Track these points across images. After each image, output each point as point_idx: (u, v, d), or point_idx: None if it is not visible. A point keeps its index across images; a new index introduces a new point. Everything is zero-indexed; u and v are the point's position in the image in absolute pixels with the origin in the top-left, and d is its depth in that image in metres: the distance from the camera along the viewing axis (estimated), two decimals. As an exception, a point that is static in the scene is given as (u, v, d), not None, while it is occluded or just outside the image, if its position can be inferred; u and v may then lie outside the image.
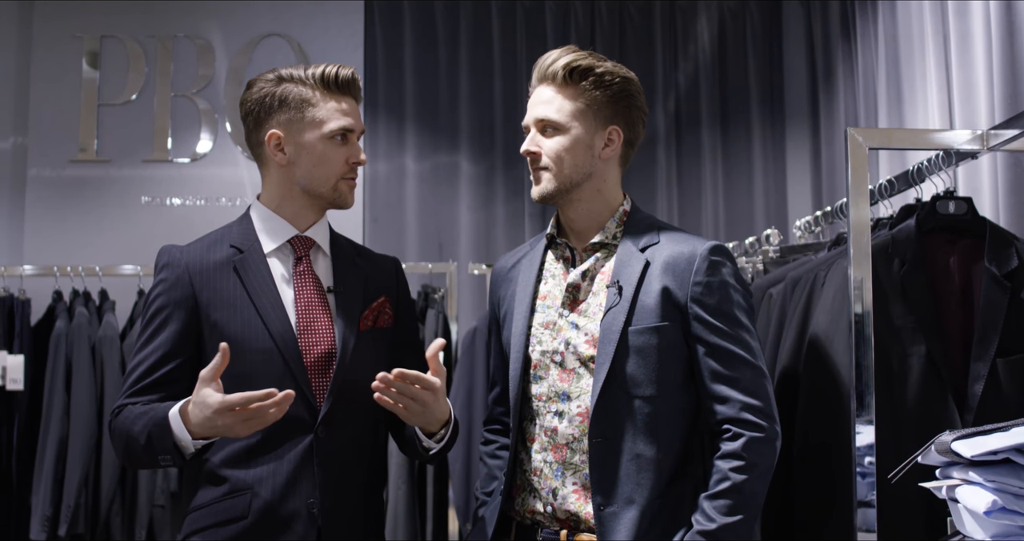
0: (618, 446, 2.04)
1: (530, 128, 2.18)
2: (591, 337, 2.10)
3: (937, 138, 2.36)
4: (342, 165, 2.22)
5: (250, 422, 1.94)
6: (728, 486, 1.98)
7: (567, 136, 2.14)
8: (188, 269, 2.18)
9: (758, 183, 5.62)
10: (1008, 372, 2.24)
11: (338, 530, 2.12)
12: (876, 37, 4.42)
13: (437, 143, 5.63)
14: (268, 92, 2.20)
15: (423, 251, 5.48)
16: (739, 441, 2.00)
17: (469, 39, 5.67)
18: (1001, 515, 1.60)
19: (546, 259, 2.27)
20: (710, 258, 2.08)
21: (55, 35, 5.46)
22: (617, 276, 2.10)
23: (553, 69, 2.14)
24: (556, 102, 2.14)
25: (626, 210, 2.21)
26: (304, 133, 2.20)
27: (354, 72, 2.25)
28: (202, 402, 1.95)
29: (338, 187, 2.24)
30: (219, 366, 1.96)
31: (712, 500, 1.99)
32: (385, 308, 2.29)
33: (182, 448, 2.01)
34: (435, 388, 2.03)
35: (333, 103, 2.21)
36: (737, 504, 1.97)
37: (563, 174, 2.14)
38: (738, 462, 1.99)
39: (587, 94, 2.15)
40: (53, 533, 4.31)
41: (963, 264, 2.36)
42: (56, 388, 4.38)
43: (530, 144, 2.16)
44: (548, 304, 2.20)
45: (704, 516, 1.98)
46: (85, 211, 5.38)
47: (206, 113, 5.49)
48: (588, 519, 2.06)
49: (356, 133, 2.24)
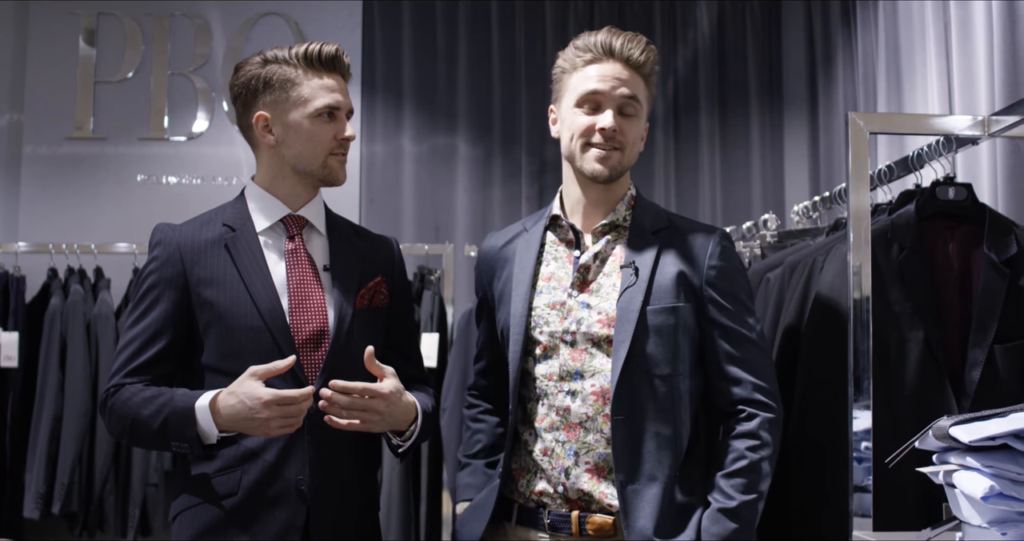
0: (640, 425, 2.05)
1: (605, 102, 2.13)
2: (606, 316, 2.10)
3: (938, 123, 2.36)
4: (330, 142, 2.21)
5: (288, 420, 1.97)
6: (745, 465, 2.02)
7: (641, 120, 2.17)
8: (180, 247, 2.18)
9: (756, 169, 5.61)
10: (1006, 359, 2.24)
11: (328, 508, 2.12)
12: (876, 23, 4.40)
13: (435, 125, 5.61)
14: (254, 74, 2.20)
15: (419, 232, 5.47)
16: (754, 421, 2.04)
17: (468, 20, 5.65)
18: (998, 500, 1.60)
19: (546, 240, 2.26)
20: (722, 244, 2.14)
21: (52, 12, 5.43)
22: (632, 257, 2.12)
23: (644, 58, 2.15)
24: (639, 85, 2.16)
25: (633, 195, 2.23)
26: (290, 113, 2.19)
27: (339, 49, 2.23)
28: (250, 393, 1.97)
29: (328, 164, 2.22)
30: (278, 369, 2.00)
31: (729, 479, 2.02)
32: (381, 288, 2.28)
33: (204, 438, 2.03)
34: (384, 395, 2.03)
35: (317, 80, 2.19)
36: (753, 482, 2.02)
37: (631, 156, 2.17)
38: (754, 442, 2.03)
39: (652, 89, 2.21)
40: (47, 510, 4.31)
41: (962, 250, 2.36)
42: (50, 366, 4.38)
43: (613, 121, 2.11)
44: (553, 285, 2.19)
45: (722, 494, 2.02)
46: (81, 189, 5.36)
47: (203, 92, 5.47)
48: (602, 499, 2.06)
49: (343, 110, 2.22)
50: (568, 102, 2.16)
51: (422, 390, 2.30)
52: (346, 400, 1.99)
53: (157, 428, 2.06)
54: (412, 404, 2.14)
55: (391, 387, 2.05)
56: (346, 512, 2.17)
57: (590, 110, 2.13)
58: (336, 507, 2.14)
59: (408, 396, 2.13)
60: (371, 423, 2.04)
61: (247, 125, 2.24)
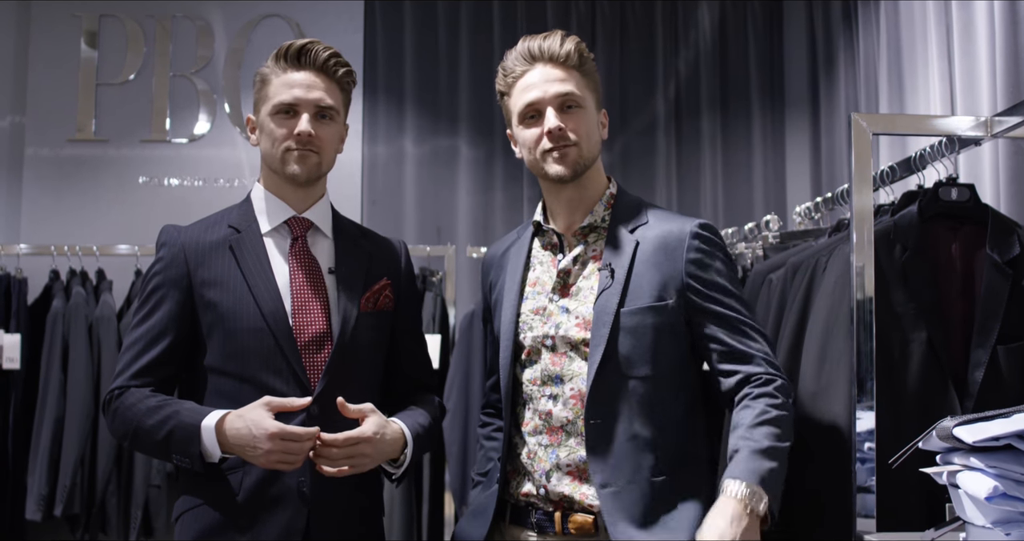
0: (614, 427, 2.04)
1: (544, 107, 2.12)
2: (582, 320, 2.09)
3: (941, 124, 2.36)
4: (285, 138, 2.16)
5: (288, 457, 1.97)
6: (773, 416, 1.94)
7: (587, 113, 2.14)
8: (184, 248, 2.18)
9: (758, 170, 5.60)
10: (1009, 359, 2.24)
11: (330, 509, 2.12)
12: (878, 24, 4.41)
13: (436, 126, 5.60)
14: (254, 79, 2.24)
15: (421, 234, 5.46)
16: (772, 385, 1.99)
17: (469, 21, 5.64)
18: (1002, 501, 1.60)
19: (533, 247, 2.26)
20: (700, 234, 2.09)
21: (54, 14, 5.43)
22: (608, 259, 2.10)
23: (565, 50, 2.13)
24: (573, 80, 2.13)
25: (612, 193, 2.21)
26: (260, 112, 2.20)
27: (308, 44, 2.19)
28: (258, 423, 1.97)
29: (284, 158, 2.18)
30: (293, 407, 2.01)
31: (757, 428, 1.93)
32: (386, 291, 2.27)
33: (206, 456, 2.04)
34: (367, 439, 2.03)
35: (284, 77, 2.17)
36: (783, 432, 1.94)
37: (589, 150, 2.14)
38: (775, 400, 1.97)
39: (590, 77, 2.17)
40: (49, 512, 4.32)
41: (965, 251, 2.36)
42: (52, 368, 4.38)
43: (556, 120, 2.10)
44: (538, 290, 2.19)
45: (751, 440, 1.91)
46: (82, 191, 5.36)
47: (204, 94, 5.47)
48: (583, 500, 2.06)
49: (303, 106, 2.17)
50: (515, 122, 2.18)
51: (421, 403, 2.30)
52: (333, 452, 2.00)
53: (161, 439, 2.06)
54: (399, 433, 2.13)
55: (373, 428, 2.05)
56: (349, 514, 2.17)
57: (534, 121, 2.14)
58: (338, 509, 2.14)
59: (393, 425, 2.13)
60: (361, 466, 2.05)
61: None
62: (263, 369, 2.11)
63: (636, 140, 5.56)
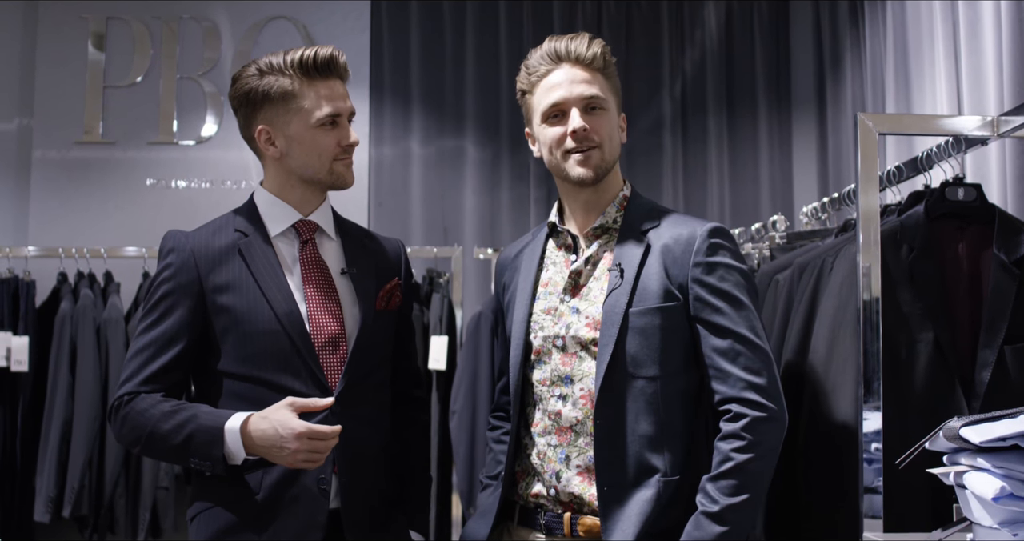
0: (622, 428, 2.04)
1: (568, 107, 2.14)
2: (592, 320, 2.10)
3: (947, 124, 2.36)
4: (334, 149, 2.20)
5: (313, 454, 2.00)
6: (731, 466, 1.95)
7: (610, 115, 2.16)
8: (194, 254, 2.18)
9: (764, 170, 5.59)
10: (1016, 359, 2.24)
11: (351, 508, 2.14)
12: (884, 23, 4.40)
13: (443, 127, 5.60)
14: (252, 87, 2.18)
15: (428, 235, 5.47)
16: (740, 422, 1.97)
17: (476, 22, 5.64)
18: (1009, 502, 1.60)
19: (547, 247, 2.27)
20: (710, 239, 2.07)
21: (61, 16, 5.45)
22: (619, 259, 2.11)
23: (592, 52, 2.15)
24: (597, 82, 2.15)
25: (626, 195, 2.22)
26: (291, 125, 2.18)
27: (333, 51, 2.20)
28: (284, 423, 1.99)
29: (334, 170, 2.22)
30: (316, 407, 2.05)
31: (715, 481, 1.96)
32: (397, 290, 2.31)
33: (229, 459, 2.05)
34: None
35: (315, 89, 2.18)
36: (741, 484, 1.94)
37: (611, 153, 2.15)
38: (739, 442, 1.96)
39: (613, 80, 2.20)
40: (57, 514, 4.32)
41: (972, 251, 2.35)
42: (60, 370, 4.39)
43: (581, 120, 2.11)
44: (550, 291, 2.20)
45: (707, 498, 1.95)
46: (90, 193, 5.38)
47: (212, 96, 5.48)
48: (592, 501, 2.06)
49: (344, 115, 2.21)
50: (537, 120, 2.20)
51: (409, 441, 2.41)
52: None
53: (179, 444, 2.06)
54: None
55: None
56: (371, 512, 2.19)
57: (558, 120, 2.15)
58: (360, 506, 2.16)
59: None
60: None
61: (250, 137, 2.25)
62: (280, 371, 2.12)
63: (642, 140, 5.55)
